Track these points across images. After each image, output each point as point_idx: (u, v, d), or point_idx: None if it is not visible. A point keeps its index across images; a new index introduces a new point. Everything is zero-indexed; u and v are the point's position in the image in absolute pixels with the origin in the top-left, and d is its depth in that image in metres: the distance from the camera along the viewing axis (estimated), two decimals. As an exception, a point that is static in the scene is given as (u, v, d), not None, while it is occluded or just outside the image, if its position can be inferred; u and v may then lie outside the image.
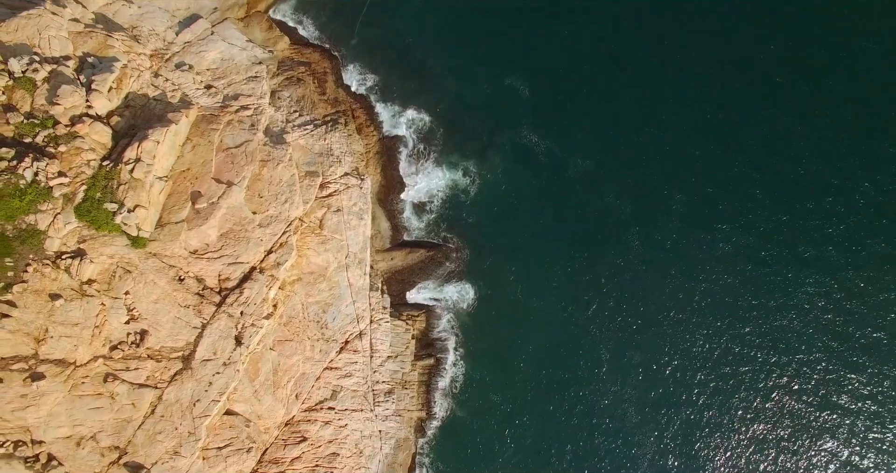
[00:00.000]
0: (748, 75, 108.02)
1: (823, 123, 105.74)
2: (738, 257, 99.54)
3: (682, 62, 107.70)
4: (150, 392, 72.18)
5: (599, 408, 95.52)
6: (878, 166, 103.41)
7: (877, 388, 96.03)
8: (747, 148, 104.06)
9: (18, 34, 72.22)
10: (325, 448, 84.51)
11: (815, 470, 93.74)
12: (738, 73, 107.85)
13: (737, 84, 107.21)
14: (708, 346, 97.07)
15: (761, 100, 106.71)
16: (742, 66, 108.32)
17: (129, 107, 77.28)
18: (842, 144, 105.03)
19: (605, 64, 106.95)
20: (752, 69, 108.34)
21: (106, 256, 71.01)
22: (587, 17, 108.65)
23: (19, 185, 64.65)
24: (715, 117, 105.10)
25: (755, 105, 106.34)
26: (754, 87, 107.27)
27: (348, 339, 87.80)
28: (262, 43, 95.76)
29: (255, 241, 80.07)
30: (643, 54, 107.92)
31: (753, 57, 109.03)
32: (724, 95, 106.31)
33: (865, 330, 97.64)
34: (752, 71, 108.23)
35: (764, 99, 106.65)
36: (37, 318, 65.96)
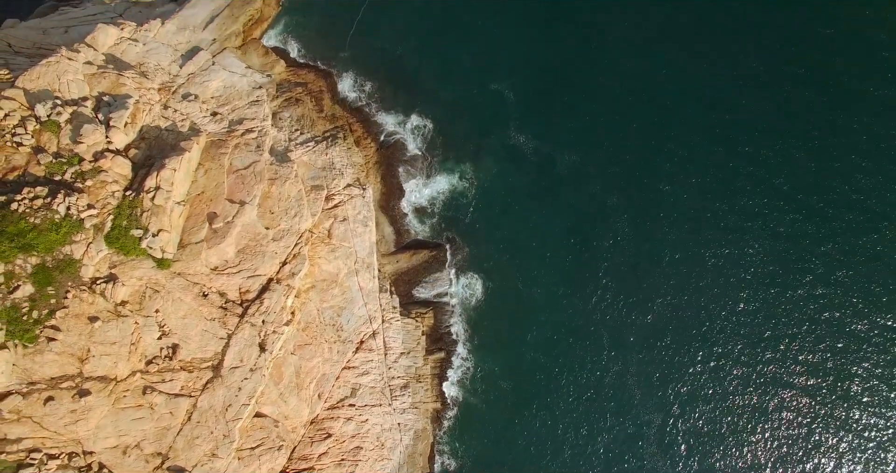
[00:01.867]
0: (726, 67, 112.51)
1: (799, 102, 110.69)
2: (726, 237, 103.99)
3: (658, 57, 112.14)
4: (185, 401, 76.02)
5: (604, 388, 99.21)
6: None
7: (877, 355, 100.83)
8: (727, 134, 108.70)
9: (40, 81, 75.86)
10: (349, 443, 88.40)
11: (816, 441, 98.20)
12: (715, 65, 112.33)
13: (713, 77, 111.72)
14: (702, 325, 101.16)
15: (742, 89, 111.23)
16: (720, 58, 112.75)
17: (144, 139, 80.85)
18: (809, 120, 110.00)
19: (582, 65, 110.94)
20: (729, 61, 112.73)
21: (135, 278, 74.72)
22: (562, 22, 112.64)
23: (54, 219, 68.36)
24: (695, 109, 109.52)
25: (735, 93, 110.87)
26: (734, 77, 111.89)
27: (363, 339, 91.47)
28: (261, 68, 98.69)
29: (270, 254, 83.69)
30: (619, 54, 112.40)
31: (732, 49, 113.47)
32: (703, 88, 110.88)
33: (863, 299, 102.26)
34: (729, 63, 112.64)
35: (743, 88, 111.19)
36: (79, 339, 69.63)
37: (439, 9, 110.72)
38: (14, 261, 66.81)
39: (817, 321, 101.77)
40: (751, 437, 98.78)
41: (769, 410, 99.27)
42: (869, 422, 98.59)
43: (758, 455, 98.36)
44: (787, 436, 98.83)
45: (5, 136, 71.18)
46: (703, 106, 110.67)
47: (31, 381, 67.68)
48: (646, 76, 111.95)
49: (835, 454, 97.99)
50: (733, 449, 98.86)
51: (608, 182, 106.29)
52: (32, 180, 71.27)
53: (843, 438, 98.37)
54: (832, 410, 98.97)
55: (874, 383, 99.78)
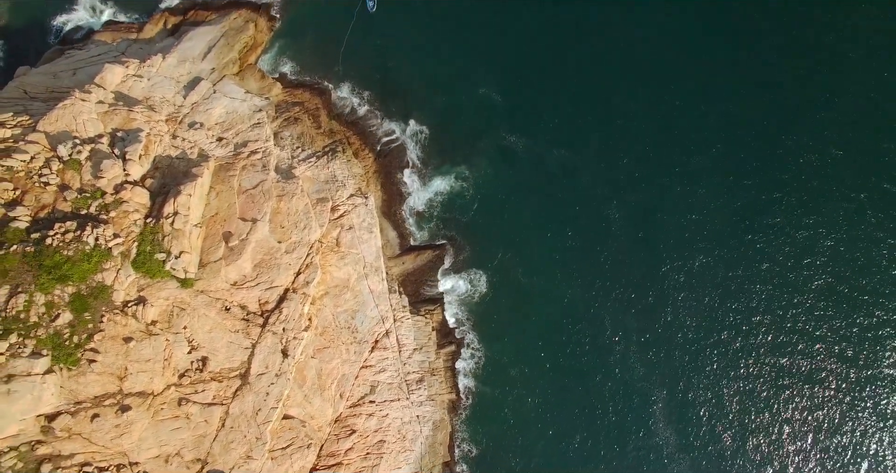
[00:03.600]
0: (706, 59, 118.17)
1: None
2: (715, 218, 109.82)
3: (636, 54, 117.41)
4: (218, 409, 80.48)
5: (609, 368, 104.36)
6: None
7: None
8: (709, 122, 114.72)
9: (59, 123, 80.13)
10: (372, 438, 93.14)
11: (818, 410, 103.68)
12: (688, 61, 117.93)
13: (691, 70, 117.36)
14: (699, 302, 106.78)
15: (713, 82, 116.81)
16: (692, 53, 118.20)
17: (157, 168, 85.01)
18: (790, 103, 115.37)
19: (562, 65, 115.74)
20: (709, 53, 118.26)
21: (162, 299, 79.05)
22: (543, 25, 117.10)
23: (85, 250, 72.69)
24: (674, 99, 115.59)
25: (707, 85, 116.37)
26: (715, 70, 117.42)
27: (377, 339, 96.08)
28: (259, 92, 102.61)
29: (285, 266, 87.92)
30: (598, 53, 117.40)
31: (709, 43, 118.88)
32: (679, 82, 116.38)
33: (860, 274, 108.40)
34: (709, 55, 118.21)
35: (725, 78, 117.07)
36: (117, 359, 73.93)
37: (424, 21, 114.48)
38: (53, 292, 71.00)
39: (817, 294, 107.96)
40: (753, 408, 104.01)
41: (768, 380, 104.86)
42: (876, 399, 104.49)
43: (760, 423, 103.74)
44: (788, 406, 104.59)
45: (33, 177, 75.35)
46: (682, 96, 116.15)
47: (77, 400, 71.75)
48: (625, 73, 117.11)
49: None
50: (737, 419, 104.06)
51: (597, 174, 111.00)
52: (61, 215, 75.42)
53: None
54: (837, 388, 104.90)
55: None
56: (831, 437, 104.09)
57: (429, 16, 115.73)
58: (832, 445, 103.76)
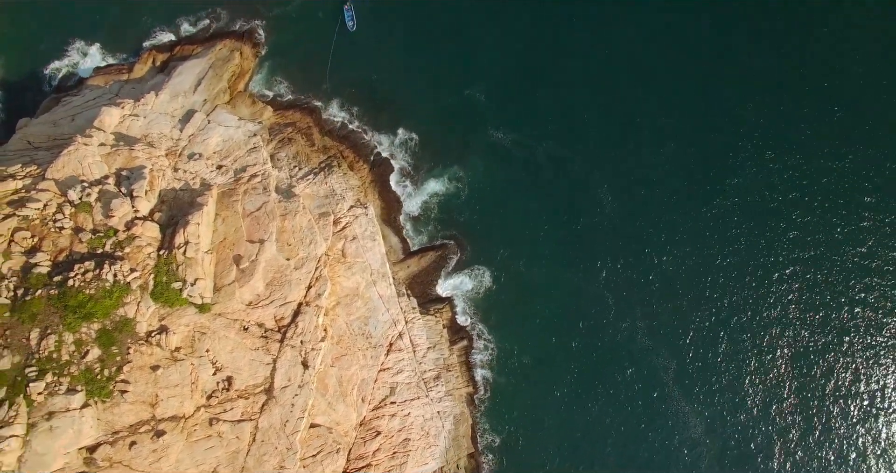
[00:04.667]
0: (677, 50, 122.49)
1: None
2: (702, 195, 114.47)
3: (608, 47, 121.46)
4: (247, 425, 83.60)
5: (616, 344, 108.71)
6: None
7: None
8: (681, 108, 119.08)
9: (66, 169, 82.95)
10: (397, 437, 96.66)
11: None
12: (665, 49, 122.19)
13: (666, 61, 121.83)
14: (693, 273, 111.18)
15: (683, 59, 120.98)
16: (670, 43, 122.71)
17: (163, 202, 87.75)
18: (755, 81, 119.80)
19: (542, 61, 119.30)
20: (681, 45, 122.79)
21: (183, 325, 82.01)
22: (517, 25, 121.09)
23: (106, 287, 75.65)
24: (650, 88, 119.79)
25: (678, 67, 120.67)
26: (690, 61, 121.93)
27: (391, 342, 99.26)
28: (251, 117, 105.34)
29: (296, 281, 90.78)
30: (574, 47, 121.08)
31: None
32: (657, 71, 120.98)
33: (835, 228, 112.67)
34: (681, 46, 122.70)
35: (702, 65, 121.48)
36: (147, 388, 76.85)
37: (402, 33, 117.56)
38: (80, 330, 74.23)
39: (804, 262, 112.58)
40: (758, 364, 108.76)
41: (770, 347, 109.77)
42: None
43: (766, 387, 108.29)
44: (787, 370, 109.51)
45: (48, 223, 78.38)
46: (658, 84, 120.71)
47: (114, 430, 74.80)
48: (602, 65, 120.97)
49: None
50: (744, 378, 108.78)
51: (585, 161, 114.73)
52: (79, 256, 78.32)
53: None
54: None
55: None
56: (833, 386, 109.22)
57: (406, 28, 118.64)
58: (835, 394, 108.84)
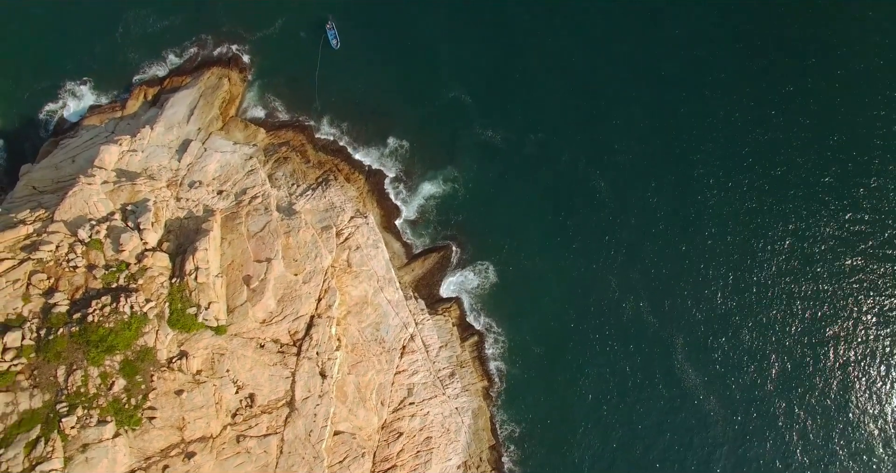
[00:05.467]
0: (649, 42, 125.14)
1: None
2: (689, 175, 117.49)
3: (582, 42, 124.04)
4: (273, 438, 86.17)
5: (623, 325, 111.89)
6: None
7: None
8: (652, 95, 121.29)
9: (73, 210, 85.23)
10: (419, 436, 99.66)
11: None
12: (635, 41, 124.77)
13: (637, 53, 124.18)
14: (688, 254, 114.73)
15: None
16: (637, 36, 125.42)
17: (170, 232, 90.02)
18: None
19: (520, 58, 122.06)
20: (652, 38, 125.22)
21: (202, 348, 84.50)
22: (492, 27, 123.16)
23: (124, 319, 78.19)
24: (627, 77, 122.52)
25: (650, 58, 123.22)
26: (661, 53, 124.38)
27: (404, 344, 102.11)
28: (246, 140, 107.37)
29: (305, 295, 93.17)
30: (548, 43, 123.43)
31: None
32: (630, 62, 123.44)
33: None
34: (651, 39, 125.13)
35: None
36: (173, 412, 79.34)
37: (384, 45, 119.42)
38: (104, 363, 76.84)
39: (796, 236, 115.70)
40: (762, 335, 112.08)
41: (773, 306, 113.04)
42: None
43: (772, 348, 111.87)
44: (794, 331, 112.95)
45: (62, 263, 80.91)
46: (635, 74, 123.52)
47: (146, 456, 77.42)
48: (578, 59, 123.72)
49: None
50: (749, 348, 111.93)
51: (573, 149, 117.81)
52: (95, 292, 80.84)
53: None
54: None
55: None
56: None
57: (388, 42, 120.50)
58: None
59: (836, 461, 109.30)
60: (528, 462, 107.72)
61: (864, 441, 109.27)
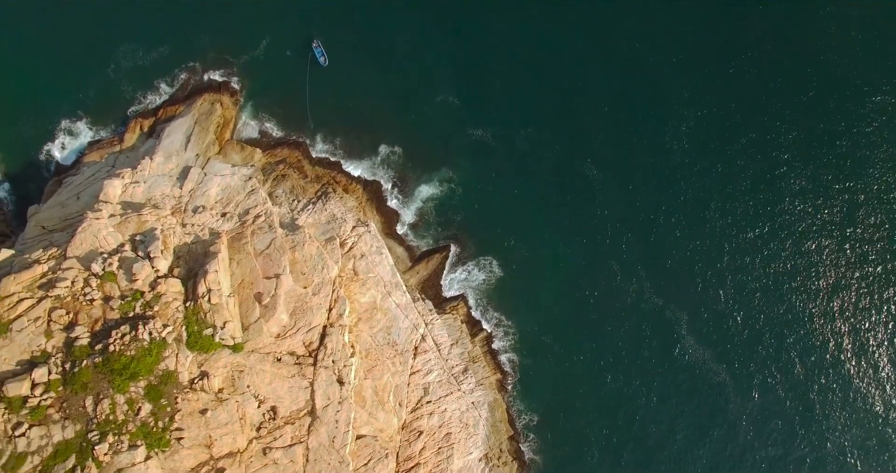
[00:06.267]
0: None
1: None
2: (675, 156, 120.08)
3: (556, 37, 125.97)
4: (299, 448, 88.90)
5: (629, 308, 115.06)
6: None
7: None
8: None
9: (84, 246, 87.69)
10: (439, 433, 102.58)
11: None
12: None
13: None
14: (685, 232, 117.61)
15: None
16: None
17: (179, 257, 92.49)
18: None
19: (503, 57, 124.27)
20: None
21: (221, 367, 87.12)
22: (474, 29, 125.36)
23: (144, 346, 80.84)
24: (603, 68, 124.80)
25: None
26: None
27: (416, 345, 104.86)
28: (243, 162, 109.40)
29: (316, 307, 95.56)
30: (526, 40, 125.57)
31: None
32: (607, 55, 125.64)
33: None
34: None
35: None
36: (200, 431, 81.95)
37: (371, 58, 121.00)
38: (129, 390, 79.48)
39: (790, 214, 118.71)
40: (764, 308, 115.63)
41: (773, 282, 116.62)
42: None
43: (777, 320, 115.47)
44: (794, 301, 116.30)
45: (79, 298, 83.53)
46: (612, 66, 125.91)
47: None
48: (559, 54, 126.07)
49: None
50: (753, 321, 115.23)
51: (563, 141, 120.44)
52: (114, 323, 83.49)
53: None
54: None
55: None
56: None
57: (374, 54, 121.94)
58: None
59: (854, 424, 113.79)
60: (547, 450, 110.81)
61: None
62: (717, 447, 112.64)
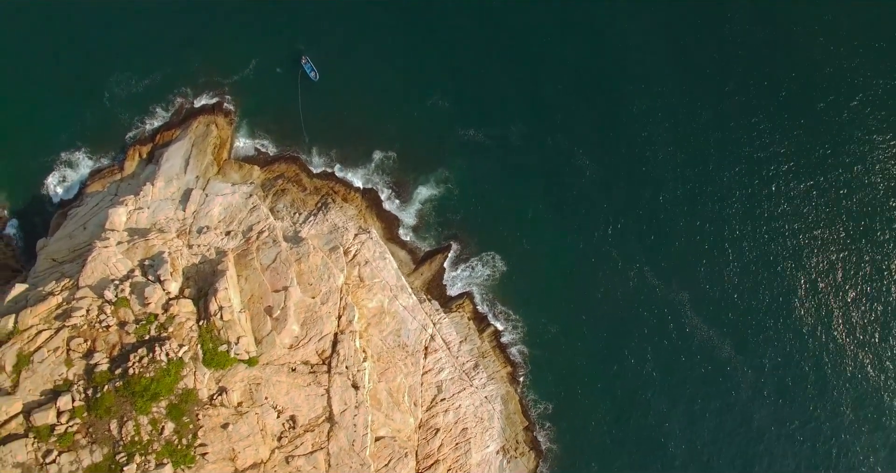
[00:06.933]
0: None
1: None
2: (664, 138, 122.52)
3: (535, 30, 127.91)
4: (320, 454, 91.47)
5: (630, 291, 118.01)
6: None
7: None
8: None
9: (95, 274, 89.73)
10: (455, 429, 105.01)
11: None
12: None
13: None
14: (680, 214, 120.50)
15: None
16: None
17: (188, 278, 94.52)
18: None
19: (490, 58, 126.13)
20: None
21: (238, 381, 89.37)
22: (461, 30, 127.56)
23: (162, 367, 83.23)
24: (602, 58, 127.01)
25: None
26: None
27: (426, 345, 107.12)
28: (243, 180, 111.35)
29: (326, 315, 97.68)
30: (506, 39, 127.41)
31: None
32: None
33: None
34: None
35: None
36: (223, 445, 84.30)
37: (360, 69, 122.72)
38: (151, 410, 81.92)
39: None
40: (765, 283, 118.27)
41: (772, 256, 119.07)
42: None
43: (779, 293, 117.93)
44: (794, 273, 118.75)
45: (95, 326, 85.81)
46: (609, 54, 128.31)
47: None
48: (541, 50, 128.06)
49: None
50: (757, 294, 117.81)
51: (556, 135, 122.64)
52: (131, 347, 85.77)
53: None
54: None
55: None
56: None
57: (361, 63, 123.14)
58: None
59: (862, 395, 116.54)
60: (563, 437, 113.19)
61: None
62: (726, 422, 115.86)
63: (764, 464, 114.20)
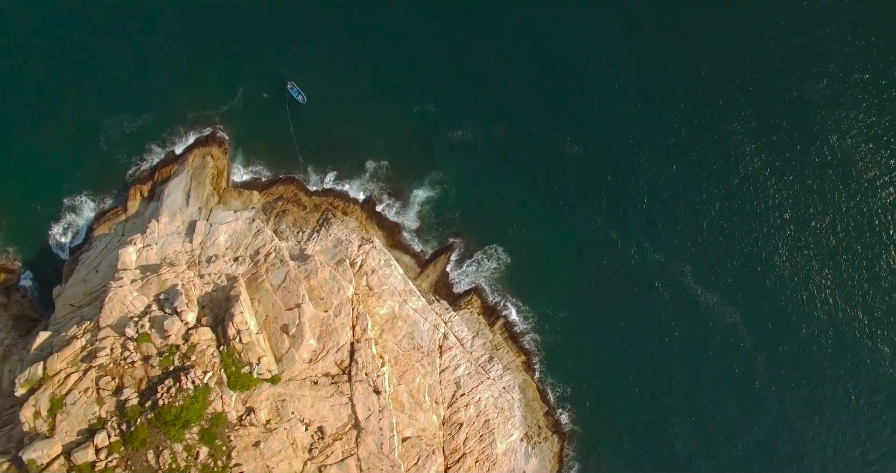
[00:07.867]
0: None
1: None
2: (651, 118, 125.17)
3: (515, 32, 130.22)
4: (351, 460, 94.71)
5: (633, 270, 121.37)
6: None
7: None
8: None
9: (114, 314, 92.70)
10: (478, 422, 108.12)
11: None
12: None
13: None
14: (673, 190, 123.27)
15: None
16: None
17: (204, 307, 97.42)
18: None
19: (472, 63, 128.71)
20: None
21: (264, 400, 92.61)
22: (443, 40, 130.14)
23: (190, 395, 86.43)
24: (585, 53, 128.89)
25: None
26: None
27: (440, 344, 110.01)
28: (244, 206, 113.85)
29: (340, 326, 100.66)
30: (489, 41, 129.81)
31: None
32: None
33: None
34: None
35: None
36: (257, 463, 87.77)
37: (346, 86, 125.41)
38: (184, 437, 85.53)
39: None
40: (762, 251, 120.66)
41: (769, 222, 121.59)
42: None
43: (777, 258, 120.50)
44: (793, 237, 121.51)
45: (120, 363, 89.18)
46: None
47: None
48: (517, 43, 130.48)
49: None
50: (757, 259, 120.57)
51: (542, 125, 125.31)
52: (157, 379, 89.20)
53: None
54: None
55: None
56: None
57: (346, 80, 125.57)
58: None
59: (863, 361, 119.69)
60: (586, 417, 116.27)
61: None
62: (744, 392, 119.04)
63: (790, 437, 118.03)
